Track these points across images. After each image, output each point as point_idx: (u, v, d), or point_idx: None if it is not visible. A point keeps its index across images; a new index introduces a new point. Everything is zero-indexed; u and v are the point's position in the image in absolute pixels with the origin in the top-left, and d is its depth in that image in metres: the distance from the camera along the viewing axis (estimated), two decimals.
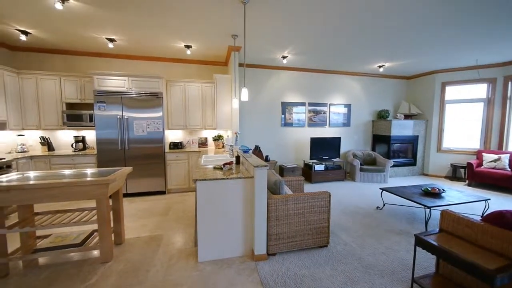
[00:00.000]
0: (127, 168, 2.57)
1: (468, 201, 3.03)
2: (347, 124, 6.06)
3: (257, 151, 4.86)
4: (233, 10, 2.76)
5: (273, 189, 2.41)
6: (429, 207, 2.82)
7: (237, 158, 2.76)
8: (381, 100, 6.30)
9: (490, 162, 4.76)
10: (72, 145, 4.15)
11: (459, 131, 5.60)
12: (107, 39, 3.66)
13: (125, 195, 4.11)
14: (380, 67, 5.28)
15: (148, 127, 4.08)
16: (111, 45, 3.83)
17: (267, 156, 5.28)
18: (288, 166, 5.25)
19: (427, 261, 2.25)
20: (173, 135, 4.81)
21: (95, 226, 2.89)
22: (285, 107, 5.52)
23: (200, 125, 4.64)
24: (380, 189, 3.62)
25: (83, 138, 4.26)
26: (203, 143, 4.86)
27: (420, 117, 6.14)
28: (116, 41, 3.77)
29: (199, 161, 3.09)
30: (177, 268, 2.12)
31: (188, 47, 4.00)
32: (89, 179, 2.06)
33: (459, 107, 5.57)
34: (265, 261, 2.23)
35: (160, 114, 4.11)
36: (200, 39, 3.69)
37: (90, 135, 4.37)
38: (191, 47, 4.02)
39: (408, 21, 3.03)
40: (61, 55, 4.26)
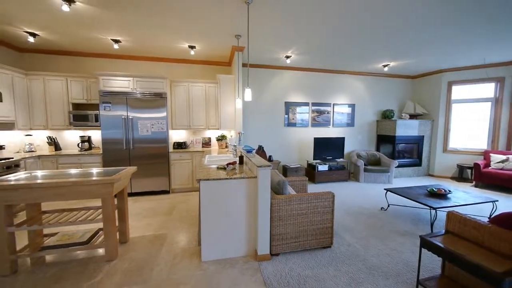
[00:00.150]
0: (131, 167, 2.60)
1: (475, 203, 2.97)
2: (351, 124, 6.01)
3: (261, 151, 4.85)
4: (236, 10, 2.77)
5: (277, 189, 2.41)
6: (434, 208, 2.78)
7: (241, 158, 2.77)
8: (385, 99, 6.23)
9: (498, 162, 4.67)
10: (78, 145, 4.21)
11: (466, 131, 5.51)
12: (112, 40, 3.71)
13: (130, 195, 4.16)
14: (384, 66, 5.23)
15: (152, 127, 4.12)
16: (116, 46, 3.88)
17: (270, 156, 5.27)
18: (291, 166, 5.24)
19: (432, 263, 2.22)
20: (177, 135, 4.84)
21: (101, 224, 2.94)
22: (289, 107, 5.51)
23: (203, 125, 4.66)
24: (384, 189, 3.58)
25: (89, 138, 4.33)
26: (207, 143, 4.88)
27: (425, 117, 6.05)
28: (121, 42, 3.82)
29: (203, 161, 3.11)
30: (180, 267, 2.14)
31: (192, 47, 4.03)
32: (94, 178, 2.09)
33: (466, 106, 5.47)
34: (268, 261, 2.23)
35: (164, 114, 4.15)
36: (203, 39, 3.71)
37: (95, 135, 4.44)
38: (195, 47, 4.05)
39: (412, 20, 2.99)
40: (67, 56, 4.34)
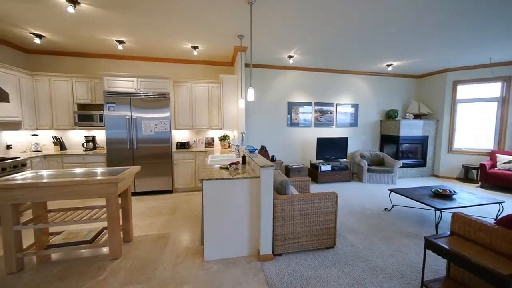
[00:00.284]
0: (135, 167, 2.62)
1: (480, 204, 2.93)
2: (354, 124, 5.97)
3: (263, 151, 4.85)
4: (239, 10, 2.77)
5: (279, 189, 2.40)
6: (439, 209, 2.75)
7: (243, 158, 2.77)
8: (389, 99, 6.17)
9: (504, 163, 4.59)
10: (83, 145, 4.26)
11: (471, 131, 5.43)
12: (116, 41, 3.75)
13: (134, 194, 4.19)
14: (388, 66, 5.18)
15: (155, 127, 4.15)
16: (120, 47, 3.92)
17: (273, 156, 5.27)
18: (294, 166, 5.23)
19: (437, 265, 2.20)
20: (180, 135, 4.87)
21: (105, 223, 2.97)
22: (291, 107, 5.49)
23: (206, 125, 4.68)
24: (388, 190, 3.54)
25: (94, 138, 4.37)
26: (210, 143, 4.90)
27: (430, 116, 5.98)
28: (125, 43, 3.85)
29: (206, 161, 3.12)
30: (184, 266, 2.15)
31: (195, 47, 4.05)
32: (99, 178, 2.11)
33: (472, 106, 5.40)
34: (271, 261, 2.22)
35: (167, 114, 4.17)
36: (206, 39, 3.72)
37: (100, 135, 4.48)
38: (197, 47, 4.06)
39: (416, 20, 2.96)
40: (72, 57, 4.39)
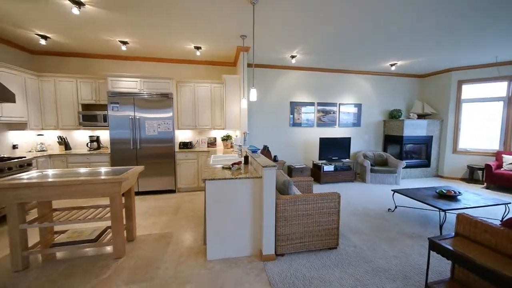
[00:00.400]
0: (139, 167, 2.64)
1: (486, 205, 2.89)
2: (357, 124, 5.94)
3: (266, 151, 4.85)
4: (242, 10, 2.77)
5: (282, 189, 2.40)
6: (444, 210, 2.72)
7: (246, 158, 2.78)
8: (393, 99, 6.12)
9: (510, 163, 4.53)
10: (87, 145, 4.31)
11: (477, 131, 5.36)
12: (120, 41, 3.78)
13: (137, 194, 4.23)
14: (392, 65, 5.14)
15: (159, 127, 4.17)
16: (124, 48, 3.95)
17: (275, 156, 5.26)
18: (296, 166, 5.21)
19: (441, 266, 2.17)
20: (182, 135, 4.89)
21: (109, 222, 3.00)
22: (294, 107, 5.48)
23: (209, 125, 4.70)
24: (392, 190, 3.51)
25: (98, 137, 4.42)
26: (212, 143, 4.91)
27: (434, 116, 5.92)
28: (128, 44, 3.88)
29: (208, 161, 3.13)
30: (186, 265, 2.16)
31: (197, 48, 4.06)
32: (103, 177, 2.13)
33: (477, 106, 5.33)
34: (273, 261, 2.22)
35: (170, 114, 4.20)
36: (209, 40, 3.73)
37: (104, 135, 4.53)
38: (200, 48, 4.08)
39: (420, 19, 2.93)
40: (77, 58, 4.44)
